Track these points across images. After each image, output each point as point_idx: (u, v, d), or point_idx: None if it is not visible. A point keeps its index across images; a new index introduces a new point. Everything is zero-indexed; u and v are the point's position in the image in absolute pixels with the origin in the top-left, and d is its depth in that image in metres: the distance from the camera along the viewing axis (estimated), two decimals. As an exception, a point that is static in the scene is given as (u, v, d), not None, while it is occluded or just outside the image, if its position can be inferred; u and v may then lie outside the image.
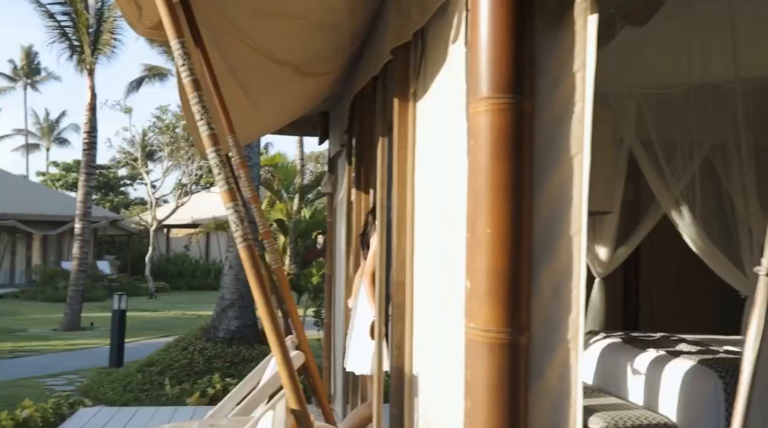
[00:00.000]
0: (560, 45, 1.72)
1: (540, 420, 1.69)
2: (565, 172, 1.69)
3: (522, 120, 1.68)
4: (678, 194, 4.75)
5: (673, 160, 4.75)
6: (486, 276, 1.65)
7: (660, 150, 4.52)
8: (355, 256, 4.75)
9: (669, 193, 4.40)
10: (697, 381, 4.04)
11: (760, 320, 1.38)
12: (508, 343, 1.64)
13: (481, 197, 1.67)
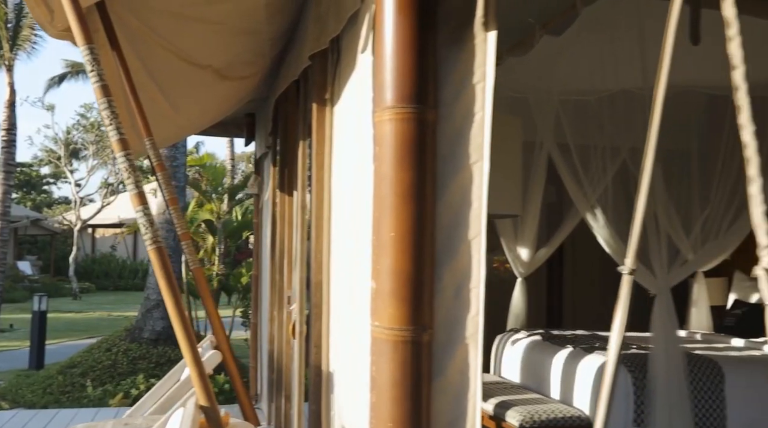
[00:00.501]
0: (461, 58, 1.81)
1: (442, 413, 1.78)
2: (465, 178, 1.79)
3: (425, 129, 1.76)
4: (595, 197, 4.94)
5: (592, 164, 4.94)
6: (390, 277, 1.74)
7: (579, 154, 4.69)
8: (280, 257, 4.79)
9: (585, 196, 4.58)
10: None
11: (623, 314, 1.50)
12: (410, 340, 1.73)
13: (386, 202, 1.76)
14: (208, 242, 13.26)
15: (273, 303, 4.84)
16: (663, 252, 4.10)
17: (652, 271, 4.02)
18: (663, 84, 1.42)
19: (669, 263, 4.01)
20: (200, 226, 13.18)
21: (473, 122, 1.79)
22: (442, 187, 1.79)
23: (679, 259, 5.08)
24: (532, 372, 4.97)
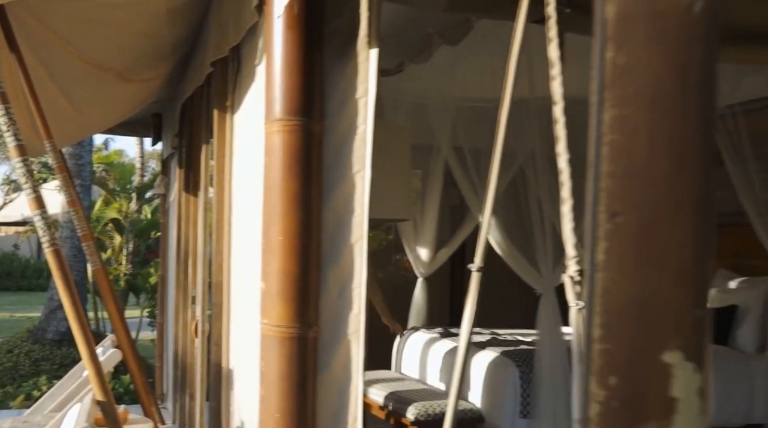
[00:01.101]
0: (346, 74, 1.95)
1: (326, 405, 1.92)
2: (349, 187, 1.93)
3: (311, 140, 1.90)
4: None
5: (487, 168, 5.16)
6: (278, 278, 1.86)
7: (475, 159, 4.90)
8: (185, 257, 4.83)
9: (478, 199, 4.79)
10: (499, 371, 4.44)
11: (472, 308, 1.67)
12: (297, 337, 1.86)
13: (275, 209, 1.88)
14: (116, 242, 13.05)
15: (178, 303, 4.88)
16: (549, 253, 4.34)
17: (538, 270, 4.25)
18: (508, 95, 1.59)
19: (554, 263, 4.25)
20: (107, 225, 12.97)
21: (356, 134, 1.93)
22: (327, 194, 1.93)
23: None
24: (430, 367, 5.16)
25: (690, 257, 0.60)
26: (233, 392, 2.80)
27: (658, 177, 0.59)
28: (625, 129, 0.60)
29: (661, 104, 0.59)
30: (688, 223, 0.59)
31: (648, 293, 0.60)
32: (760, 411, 4.86)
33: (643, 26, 0.59)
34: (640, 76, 0.59)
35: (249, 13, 2.42)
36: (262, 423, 1.88)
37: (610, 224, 0.60)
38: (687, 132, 0.59)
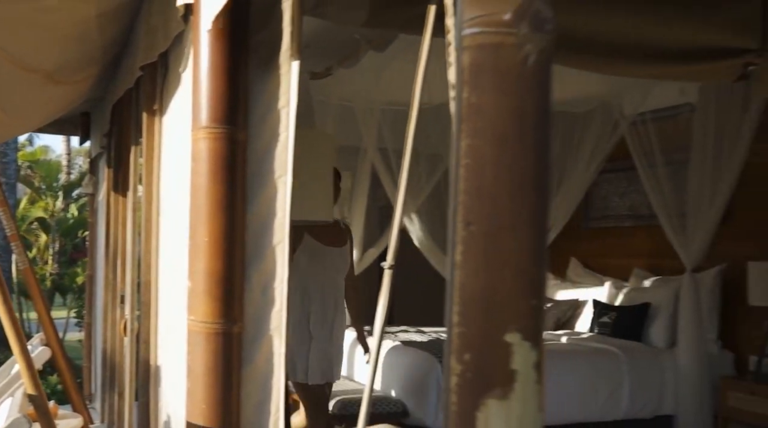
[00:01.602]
0: (269, 85, 2.08)
1: (250, 396, 2.04)
2: (271, 191, 2.05)
3: (236, 147, 2.01)
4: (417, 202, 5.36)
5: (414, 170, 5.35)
6: (204, 277, 1.97)
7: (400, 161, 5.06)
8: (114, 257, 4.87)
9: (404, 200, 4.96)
10: (422, 366, 4.62)
11: (384, 305, 1.81)
12: (221, 332, 1.97)
13: (201, 211, 1.99)
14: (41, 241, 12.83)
15: (107, 303, 4.92)
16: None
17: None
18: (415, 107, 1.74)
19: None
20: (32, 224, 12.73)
21: (279, 142, 2.05)
22: (251, 198, 2.05)
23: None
24: (357, 364, 5.31)
25: (526, 259, 0.75)
26: (161, 388, 2.89)
27: (501, 195, 0.74)
28: (476, 156, 0.75)
29: (504, 137, 0.74)
30: (525, 232, 0.75)
31: (493, 286, 0.75)
32: (670, 403, 5.16)
33: (490, 75, 0.74)
34: (487, 115, 0.74)
35: (176, 21, 2.51)
36: (189, 414, 1.99)
37: (465, 232, 0.76)
38: (524, 160, 0.74)
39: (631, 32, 2.52)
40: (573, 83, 4.32)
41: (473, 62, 0.75)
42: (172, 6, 2.59)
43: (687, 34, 2.63)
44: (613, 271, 6.28)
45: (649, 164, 5.19)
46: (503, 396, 0.77)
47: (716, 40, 2.67)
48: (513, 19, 0.73)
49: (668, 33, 2.60)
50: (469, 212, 0.75)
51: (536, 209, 0.75)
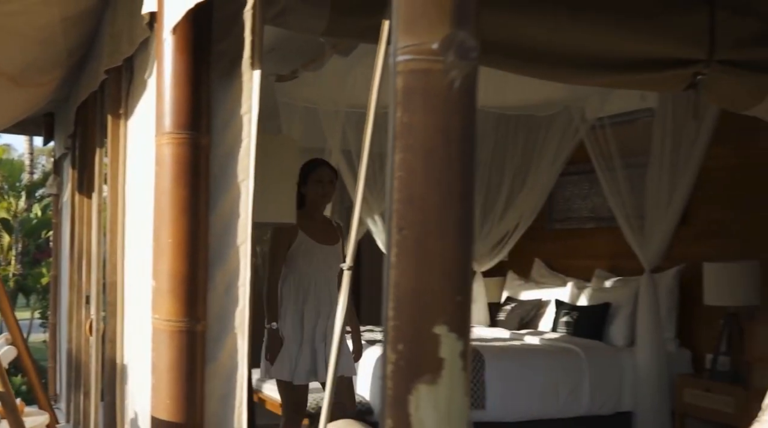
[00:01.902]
0: (231, 92, 2.15)
1: (214, 390, 2.11)
2: (234, 194, 2.13)
3: (199, 152, 2.08)
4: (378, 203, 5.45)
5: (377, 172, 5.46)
6: (168, 277, 2.04)
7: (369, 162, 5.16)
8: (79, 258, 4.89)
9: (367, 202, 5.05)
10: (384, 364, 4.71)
11: (344, 304, 1.89)
12: (186, 330, 2.04)
13: (164, 214, 2.06)
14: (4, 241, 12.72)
15: (72, 303, 4.94)
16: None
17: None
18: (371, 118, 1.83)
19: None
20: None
21: (241, 147, 2.13)
22: (214, 201, 2.12)
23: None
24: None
25: (452, 260, 0.84)
26: (127, 386, 2.95)
27: (430, 204, 0.83)
28: (408, 169, 0.84)
29: (432, 153, 0.83)
30: (451, 237, 0.84)
31: (423, 285, 0.84)
32: (629, 400, 5.30)
33: (420, 97, 0.83)
34: (417, 132, 0.83)
35: (141, 28, 2.57)
36: (154, 409, 2.06)
37: (399, 236, 0.84)
38: (450, 173, 0.83)
39: (587, 44, 2.63)
40: (537, 88, 4.44)
41: (405, 86, 0.84)
42: (137, 12, 2.65)
43: (638, 46, 2.74)
44: (576, 272, 6.42)
45: (608, 167, 5.33)
46: (432, 382, 0.85)
47: (666, 51, 2.79)
48: (440, 49, 0.82)
49: (621, 44, 2.71)
50: (401, 219, 0.84)
51: (462, 216, 0.84)
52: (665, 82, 2.95)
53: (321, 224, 4.32)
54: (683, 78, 2.86)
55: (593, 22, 2.62)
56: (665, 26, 2.76)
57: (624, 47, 2.73)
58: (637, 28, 2.71)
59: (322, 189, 4.25)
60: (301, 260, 4.18)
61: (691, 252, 5.25)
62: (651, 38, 2.74)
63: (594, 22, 2.61)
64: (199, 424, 2.07)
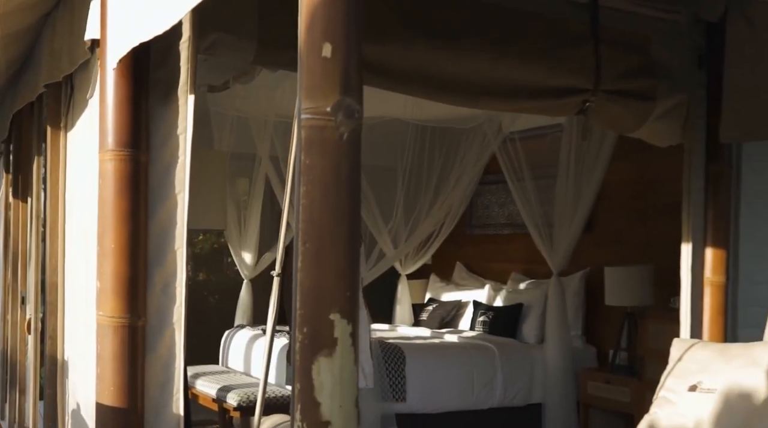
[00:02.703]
0: (168, 115, 2.41)
1: (154, 378, 2.37)
2: (171, 205, 2.39)
3: (138, 168, 2.34)
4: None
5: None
6: (111, 278, 2.29)
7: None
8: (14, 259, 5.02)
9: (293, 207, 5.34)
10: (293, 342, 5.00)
11: (274, 306, 2.17)
12: (127, 325, 2.29)
13: (108, 221, 2.31)
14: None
15: (6, 303, 5.08)
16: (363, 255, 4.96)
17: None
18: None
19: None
20: None
21: (177, 163, 2.40)
22: (152, 210, 2.38)
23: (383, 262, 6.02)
24: (254, 361, 5.65)
25: (342, 265, 1.15)
26: (68, 380, 3.16)
27: (325, 224, 1.14)
28: (309, 198, 1.14)
29: (326, 187, 1.13)
30: (341, 248, 1.15)
31: (321, 283, 1.15)
32: (539, 392, 5.70)
33: (318, 145, 1.14)
34: (316, 172, 1.14)
35: (82, 49, 2.80)
36: (99, 396, 2.31)
37: (303, 248, 1.15)
38: (340, 201, 1.14)
39: (490, 74, 2.97)
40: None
41: (307, 137, 1.14)
42: (76, 33, 2.88)
43: (535, 77, 3.10)
44: (493, 274, 6.80)
45: (518, 178, 5.73)
46: (329, 355, 1.16)
47: (559, 82, 3.15)
48: (332, 111, 1.13)
49: (520, 75, 3.06)
50: (305, 235, 1.15)
51: (349, 233, 1.15)
52: (559, 108, 3.32)
53: None
54: (574, 105, 3.23)
55: (499, 58, 2.96)
56: (558, 61, 3.12)
57: (527, 78, 3.08)
58: (534, 63, 3.07)
59: None
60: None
61: (594, 257, 5.68)
62: (546, 71, 3.10)
63: (499, 58, 2.96)
64: (140, 410, 2.33)
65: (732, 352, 2.97)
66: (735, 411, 2.77)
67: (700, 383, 2.92)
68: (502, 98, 3.13)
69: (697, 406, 2.87)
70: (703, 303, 3.64)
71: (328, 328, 1.16)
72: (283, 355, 5.21)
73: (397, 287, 7.05)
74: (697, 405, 2.87)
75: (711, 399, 2.84)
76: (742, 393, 2.77)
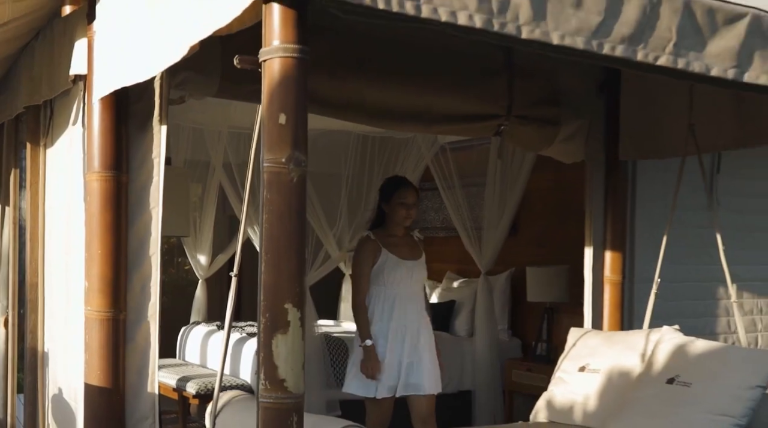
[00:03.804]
0: (145, 141, 2.87)
1: (133, 364, 2.83)
2: (147, 217, 2.85)
3: (120, 187, 2.80)
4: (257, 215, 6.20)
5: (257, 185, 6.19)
6: (97, 279, 2.75)
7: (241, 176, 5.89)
8: None
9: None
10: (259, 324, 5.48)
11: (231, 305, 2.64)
12: (111, 318, 2.75)
13: (94, 231, 2.77)
14: None
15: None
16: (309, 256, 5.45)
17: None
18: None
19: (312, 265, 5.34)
20: None
21: (152, 183, 2.86)
22: (132, 222, 2.84)
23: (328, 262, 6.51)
24: (209, 354, 6.09)
25: (293, 270, 1.66)
26: (48, 369, 3.59)
27: (281, 241, 1.65)
28: (269, 223, 1.65)
29: (281, 215, 1.64)
30: (293, 258, 1.65)
31: (278, 282, 1.65)
32: (469, 380, 6.25)
33: (276, 185, 1.64)
34: (274, 204, 1.64)
35: (64, 79, 3.21)
36: (87, 377, 2.76)
37: (265, 257, 1.65)
38: (291, 225, 1.65)
39: (415, 104, 3.49)
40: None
41: (268, 179, 1.65)
42: (56, 64, 3.31)
43: (455, 105, 3.62)
44: (430, 274, 7.30)
45: (449, 186, 6.28)
46: (284, 333, 1.66)
47: (476, 109, 3.69)
48: (286, 162, 1.63)
49: (443, 104, 3.58)
50: (267, 248, 1.65)
51: (298, 246, 1.66)
52: (477, 131, 3.87)
53: (403, 240, 4.41)
54: (490, 128, 3.78)
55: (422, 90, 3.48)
56: (476, 91, 3.66)
57: (446, 107, 3.61)
58: (454, 94, 3.59)
59: (406, 211, 4.35)
60: (386, 278, 4.28)
61: (518, 258, 6.26)
62: (464, 100, 3.63)
63: (423, 90, 3.47)
64: (121, 389, 2.80)
65: (615, 338, 3.56)
66: (614, 386, 3.35)
67: (588, 365, 3.49)
68: (426, 124, 3.66)
69: (585, 384, 3.45)
70: (603, 299, 4.24)
71: (284, 314, 1.66)
72: (238, 348, 5.67)
73: (341, 285, 7.53)
74: (585, 384, 3.45)
75: (596, 378, 3.42)
76: (621, 372, 3.36)
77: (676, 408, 3.15)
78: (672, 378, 3.24)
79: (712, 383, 3.16)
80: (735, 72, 2.21)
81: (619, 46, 1.99)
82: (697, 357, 3.29)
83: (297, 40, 1.66)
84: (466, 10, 1.71)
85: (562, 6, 1.85)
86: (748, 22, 2.15)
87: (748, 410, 3.07)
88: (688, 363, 3.28)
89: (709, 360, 3.27)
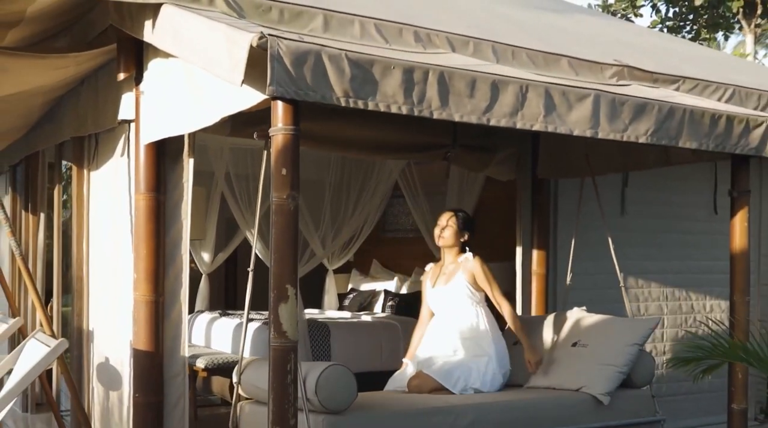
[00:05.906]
0: (176, 170, 3.89)
1: (170, 332, 3.84)
2: (179, 226, 3.88)
3: (159, 205, 3.82)
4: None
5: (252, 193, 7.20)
6: (143, 272, 3.77)
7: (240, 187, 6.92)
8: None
9: (243, 217, 6.83)
10: (259, 334, 6.47)
11: (250, 295, 3.67)
12: (153, 301, 3.78)
13: (141, 237, 3.79)
14: None
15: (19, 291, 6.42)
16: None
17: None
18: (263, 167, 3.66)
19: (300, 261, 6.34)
20: None
21: (183, 201, 3.89)
22: (167, 230, 3.86)
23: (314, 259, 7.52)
24: (213, 337, 7.08)
25: (291, 264, 2.72)
26: (93, 343, 4.60)
27: (283, 247, 2.72)
28: (277, 237, 2.72)
29: (283, 228, 2.70)
30: (290, 257, 2.72)
31: (282, 270, 2.72)
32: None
33: (280, 213, 2.70)
34: (280, 223, 2.71)
35: (110, 120, 4.23)
36: (136, 343, 3.79)
37: (274, 256, 2.72)
38: (289, 234, 2.71)
39: (378, 138, 4.54)
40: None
41: (276, 209, 2.71)
42: (101, 106, 4.31)
43: (410, 137, 4.67)
44: (401, 269, 8.33)
45: (414, 195, 7.31)
46: (286, 302, 2.72)
47: (426, 140, 4.74)
48: (286, 198, 2.69)
49: (398, 136, 4.63)
50: (275, 250, 2.72)
51: (293, 249, 2.72)
52: (429, 157, 4.94)
53: (446, 267, 4.86)
54: (439, 155, 4.84)
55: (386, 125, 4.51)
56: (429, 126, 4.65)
57: (403, 138, 4.66)
58: (410, 128, 4.61)
59: (438, 232, 4.88)
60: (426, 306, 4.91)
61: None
62: (418, 131, 4.68)
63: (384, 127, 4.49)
64: (160, 352, 3.82)
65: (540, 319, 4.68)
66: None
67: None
68: (388, 153, 4.74)
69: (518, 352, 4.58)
70: (531, 288, 5.32)
71: (285, 291, 2.71)
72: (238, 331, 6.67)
73: (325, 279, 8.55)
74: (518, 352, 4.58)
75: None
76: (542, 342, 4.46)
77: (579, 363, 4.45)
78: (576, 342, 4.54)
79: (602, 343, 4.44)
80: (591, 131, 3.28)
81: (503, 119, 3.05)
82: (593, 326, 4.51)
83: (293, 123, 2.71)
84: (397, 103, 2.78)
85: (460, 97, 2.91)
86: (592, 99, 3.22)
87: (629, 361, 4.39)
88: (587, 331, 4.54)
89: (602, 327, 4.53)
